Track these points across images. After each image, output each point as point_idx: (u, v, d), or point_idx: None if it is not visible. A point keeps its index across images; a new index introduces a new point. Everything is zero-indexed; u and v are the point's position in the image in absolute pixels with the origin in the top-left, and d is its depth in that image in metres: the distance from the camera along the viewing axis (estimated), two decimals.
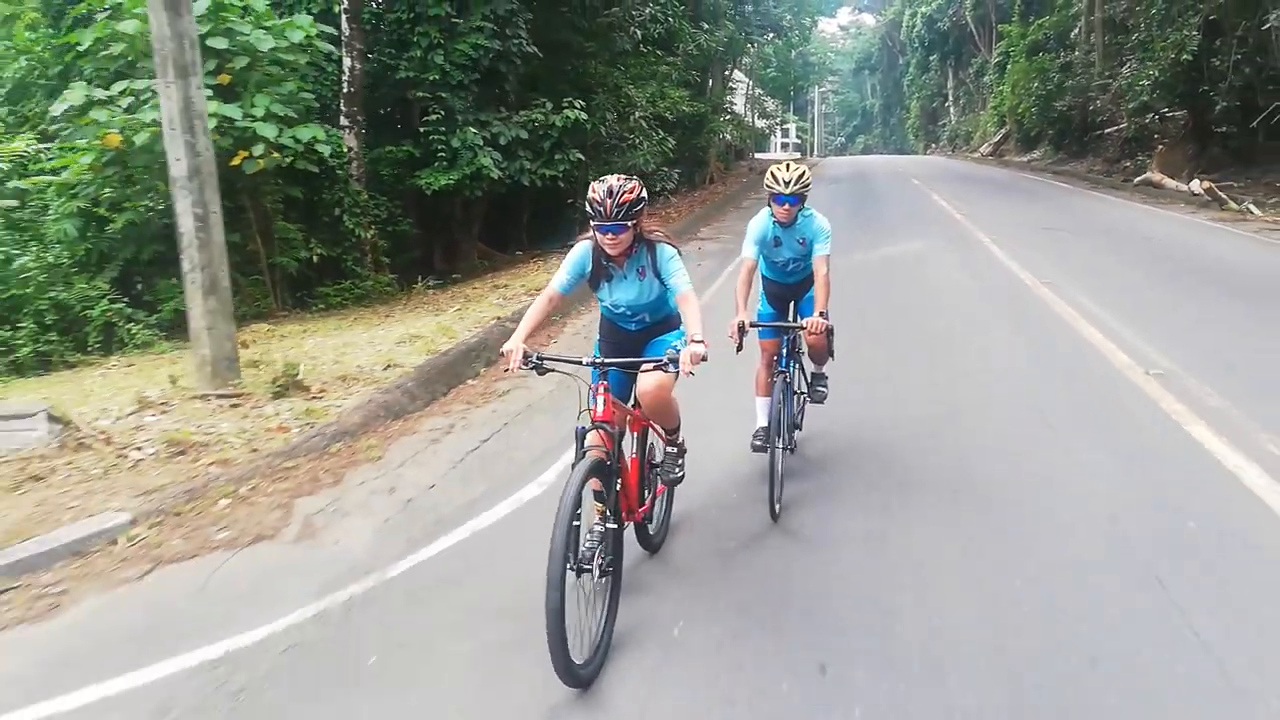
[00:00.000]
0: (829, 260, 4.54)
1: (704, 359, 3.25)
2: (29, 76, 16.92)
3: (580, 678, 2.99)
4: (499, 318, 8.47)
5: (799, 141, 70.24)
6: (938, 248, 12.33)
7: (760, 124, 45.63)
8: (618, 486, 3.38)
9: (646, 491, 3.86)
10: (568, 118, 13.22)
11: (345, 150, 11.20)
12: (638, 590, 3.59)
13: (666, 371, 3.34)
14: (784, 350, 4.59)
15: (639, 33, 15.36)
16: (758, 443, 4.61)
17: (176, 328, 9.21)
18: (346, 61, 11.57)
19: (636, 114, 15.58)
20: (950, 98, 61.74)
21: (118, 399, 6.10)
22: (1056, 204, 17.93)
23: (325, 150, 9.71)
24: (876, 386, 6.20)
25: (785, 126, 60.92)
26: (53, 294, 8.57)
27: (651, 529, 3.98)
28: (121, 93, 8.58)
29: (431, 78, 12.29)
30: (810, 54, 52.61)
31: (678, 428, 3.91)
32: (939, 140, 62.61)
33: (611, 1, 14.93)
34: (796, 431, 4.95)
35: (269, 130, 8.67)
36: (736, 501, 4.47)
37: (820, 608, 3.44)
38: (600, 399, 3.31)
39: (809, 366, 5.09)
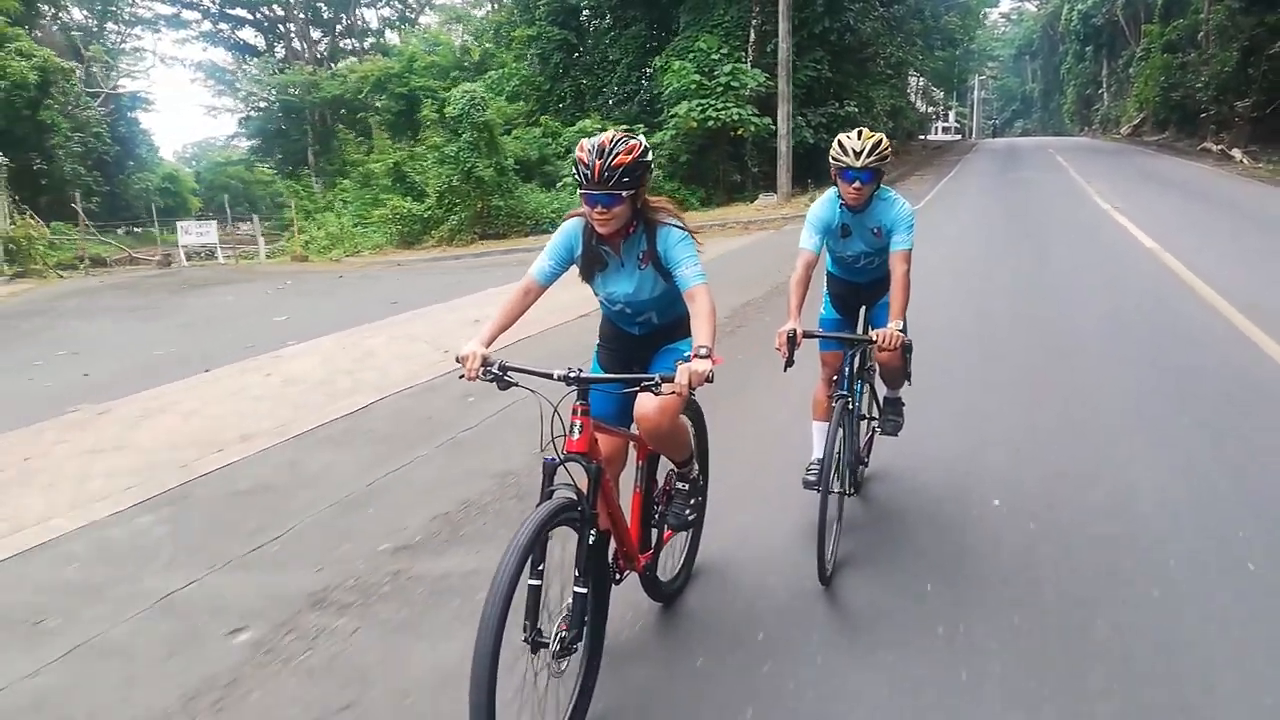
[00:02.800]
0: (910, 257, 3.61)
1: (709, 379, 2.52)
2: (522, 89, 30.60)
3: None
4: None
5: (958, 125, 77.96)
6: (1044, 174, 23.96)
7: (929, 110, 55.71)
8: (593, 538, 2.58)
9: (652, 533, 3.21)
10: (846, 111, 25.45)
11: None
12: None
13: (656, 393, 2.60)
14: (848, 367, 3.62)
15: (883, 62, 27.47)
16: (810, 478, 3.79)
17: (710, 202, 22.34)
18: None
19: (876, 107, 27.67)
20: (1103, 85, 68.63)
21: (739, 212, 18.96)
22: (1127, 159, 28.96)
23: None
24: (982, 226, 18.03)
25: (946, 111, 70.09)
26: (667, 184, 21.61)
27: (661, 576, 3.27)
28: (694, 106, 21.41)
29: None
30: (971, 44, 57.43)
31: (690, 459, 3.17)
32: (1092, 124, 69.43)
33: (867, 45, 27.07)
34: (862, 468, 4.19)
35: (754, 120, 21.39)
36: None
37: None
38: (578, 424, 2.59)
39: (880, 388, 4.19)
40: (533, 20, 30.02)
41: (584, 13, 29.99)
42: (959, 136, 68.50)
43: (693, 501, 3.19)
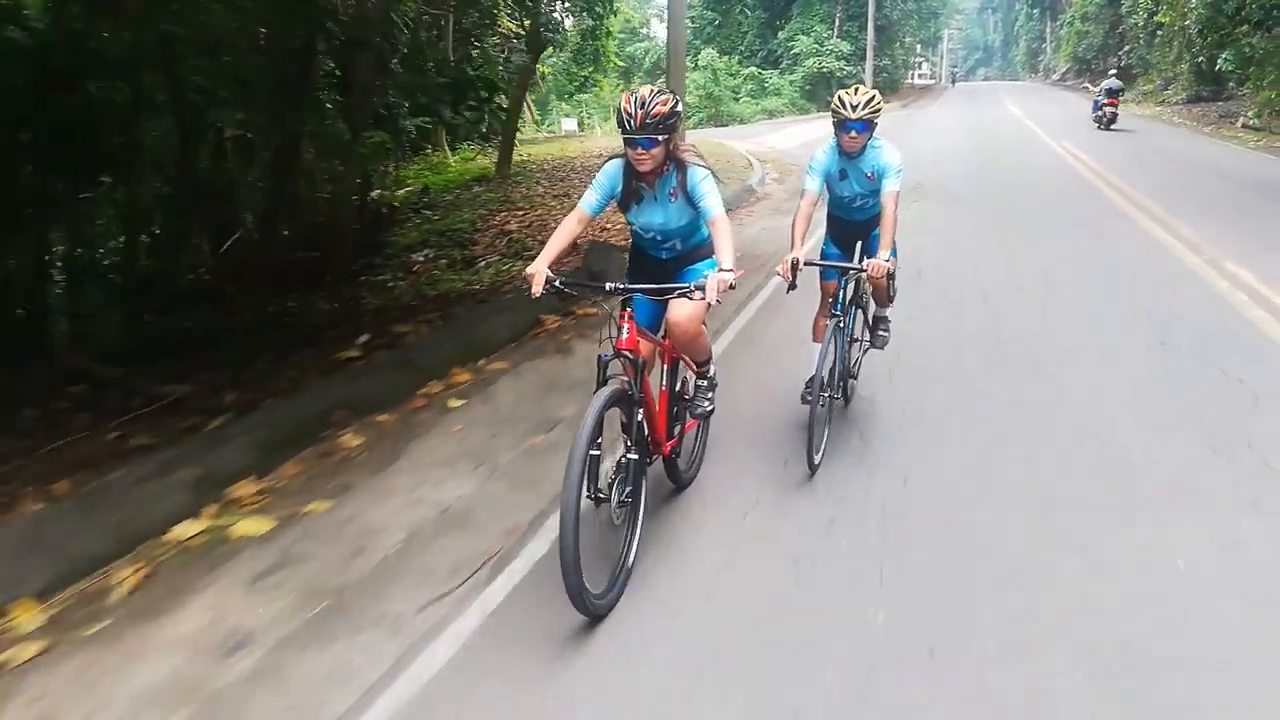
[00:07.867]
0: (898, 198, 4.19)
1: (732, 287, 3.18)
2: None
3: (594, 607, 3.01)
4: None
5: (931, 73, 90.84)
6: (990, 100, 44.83)
7: (911, 60, 74.15)
8: (640, 417, 3.31)
9: (675, 425, 3.85)
10: (883, 63, 45.75)
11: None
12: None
13: (692, 299, 3.24)
14: (842, 293, 4.34)
15: (900, 34, 48.05)
16: (808, 396, 4.41)
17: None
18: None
19: (897, 59, 48.20)
20: (1046, 40, 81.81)
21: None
22: (1039, 93, 49.93)
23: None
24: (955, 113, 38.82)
25: (921, 61, 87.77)
26: (799, 100, 41.83)
27: (681, 463, 4.00)
28: (813, 61, 41.61)
29: None
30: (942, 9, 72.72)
31: (708, 360, 3.90)
32: (1037, 71, 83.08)
33: (894, 25, 47.45)
34: (852, 381, 4.85)
35: (844, 68, 41.81)
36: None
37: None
38: (625, 327, 3.25)
39: (872, 309, 4.93)
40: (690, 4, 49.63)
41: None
42: (933, 81, 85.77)
43: (709, 395, 3.95)
